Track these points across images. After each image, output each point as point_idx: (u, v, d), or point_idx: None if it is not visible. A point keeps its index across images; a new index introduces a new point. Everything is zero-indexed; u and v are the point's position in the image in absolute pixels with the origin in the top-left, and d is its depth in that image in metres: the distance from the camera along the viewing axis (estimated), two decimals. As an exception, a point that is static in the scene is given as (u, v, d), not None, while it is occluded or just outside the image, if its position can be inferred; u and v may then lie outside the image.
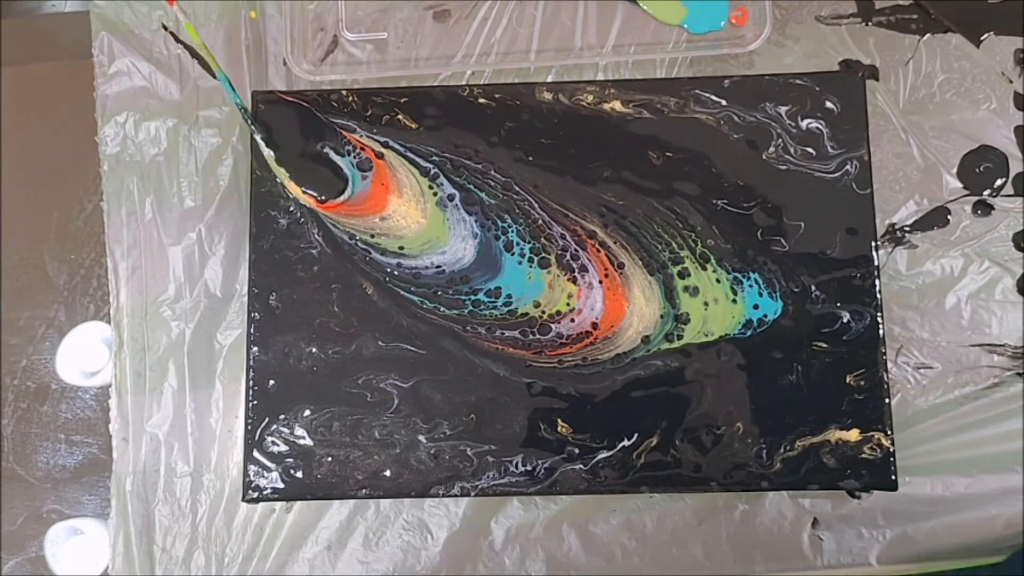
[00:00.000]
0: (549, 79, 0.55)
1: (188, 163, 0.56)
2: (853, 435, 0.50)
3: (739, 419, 0.50)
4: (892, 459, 0.50)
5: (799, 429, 0.50)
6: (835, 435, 0.50)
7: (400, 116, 0.53)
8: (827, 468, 0.50)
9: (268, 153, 0.51)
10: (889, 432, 0.50)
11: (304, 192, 0.52)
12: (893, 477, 0.50)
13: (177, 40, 0.57)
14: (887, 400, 0.50)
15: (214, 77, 0.56)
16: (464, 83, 0.55)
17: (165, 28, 0.57)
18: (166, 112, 0.56)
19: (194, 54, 0.57)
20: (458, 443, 0.51)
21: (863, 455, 0.50)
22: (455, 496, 0.50)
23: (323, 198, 0.52)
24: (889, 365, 0.51)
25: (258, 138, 0.51)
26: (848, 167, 0.52)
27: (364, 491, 0.51)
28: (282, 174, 0.52)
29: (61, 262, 0.57)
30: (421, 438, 0.51)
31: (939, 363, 0.53)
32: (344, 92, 0.54)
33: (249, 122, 0.51)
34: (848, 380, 0.50)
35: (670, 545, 0.52)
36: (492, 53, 0.56)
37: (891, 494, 0.50)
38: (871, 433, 0.50)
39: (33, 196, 0.57)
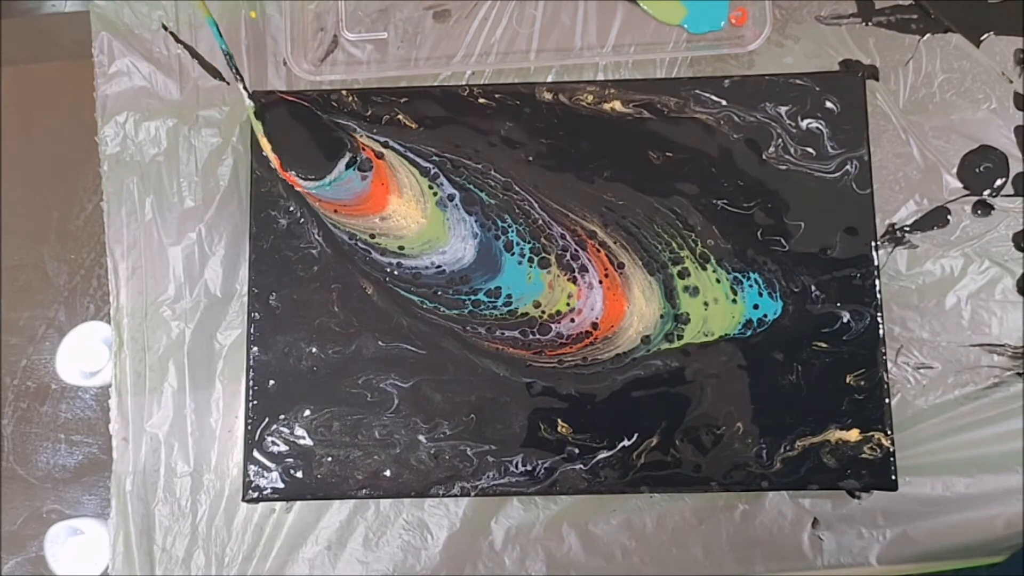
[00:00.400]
0: (549, 79, 0.55)
1: (188, 163, 0.56)
2: (853, 435, 0.50)
3: (739, 419, 0.50)
4: (892, 459, 0.50)
5: (799, 429, 0.50)
6: (835, 435, 0.50)
7: (400, 116, 0.53)
8: (827, 468, 0.50)
9: (249, 104, 0.52)
10: (889, 432, 0.50)
11: (273, 152, 0.52)
12: (893, 477, 0.50)
13: (177, 40, 0.57)
14: (887, 400, 0.50)
15: (213, 77, 0.56)
16: (464, 83, 0.55)
17: (165, 28, 0.57)
18: (166, 112, 0.56)
19: (194, 54, 0.57)
20: (458, 443, 0.51)
21: (863, 455, 0.50)
22: (455, 496, 0.50)
23: (289, 169, 0.52)
24: (889, 365, 0.51)
25: (241, 87, 0.52)
26: (848, 167, 0.52)
27: (364, 491, 0.51)
28: (258, 128, 0.52)
29: (61, 262, 0.57)
30: (421, 438, 0.51)
31: (939, 363, 0.53)
32: (344, 92, 0.54)
33: (233, 70, 0.51)
34: (848, 380, 0.50)
35: (670, 545, 0.52)
36: (492, 53, 0.56)
37: (891, 494, 0.50)
38: (871, 433, 0.50)
39: (33, 196, 0.57)
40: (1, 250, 0.57)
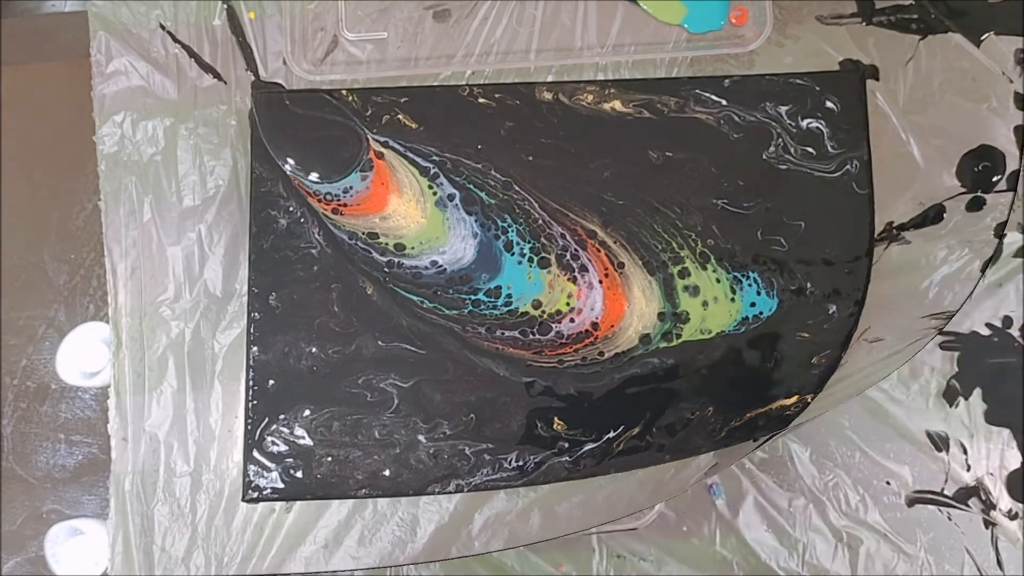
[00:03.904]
0: (549, 79, 0.55)
1: (186, 163, 0.55)
2: (791, 401, 0.51)
3: (711, 403, 0.51)
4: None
5: (754, 404, 0.51)
6: (777, 403, 0.51)
7: (400, 116, 0.53)
8: (757, 428, 0.51)
9: None
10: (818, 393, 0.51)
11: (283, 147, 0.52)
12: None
13: (175, 40, 0.57)
14: (831, 371, 0.51)
15: (211, 77, 0.56)
16: (464, 83, 0.55)
17: (163, 28, 0.57)
18: (164, 111, 0.56)
19: (192, 53, 0.56)
20: (457, 442, 0.51)
21: (787, 414, 0.51)
22: (450, 493, 0.51)
23: (302, 169, 0.52)
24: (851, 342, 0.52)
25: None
26: (848, 167, 0.52)
27: (364, 491, 0.51)
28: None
29: (61, 262, 0.57)
30: (421, 438, 0.51)
31: (891, 335, 0.53)
32: (344, 92, 0.53)
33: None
34: (813, 360, 0.51)
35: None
36: (492, 53, 0.56)
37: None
38: (805, 397, 0.51)
39: (33, 196, 0.57)
40: (1, 250, 0.57)
